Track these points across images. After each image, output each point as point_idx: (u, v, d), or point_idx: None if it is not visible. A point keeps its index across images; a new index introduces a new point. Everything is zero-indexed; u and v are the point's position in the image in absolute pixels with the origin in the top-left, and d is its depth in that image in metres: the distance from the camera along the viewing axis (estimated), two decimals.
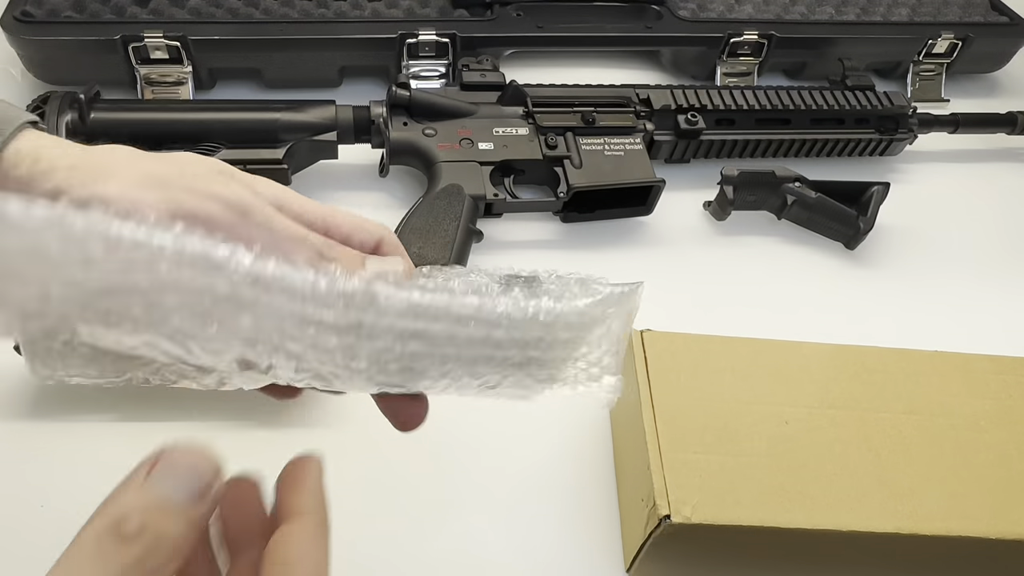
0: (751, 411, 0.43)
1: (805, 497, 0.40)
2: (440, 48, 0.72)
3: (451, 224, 0.57)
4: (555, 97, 0.66)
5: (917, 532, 0.39)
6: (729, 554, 0.42)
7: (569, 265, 0.62)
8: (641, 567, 0.43)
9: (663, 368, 0.44)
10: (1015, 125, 0.75)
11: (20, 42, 0.66)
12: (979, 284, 0.65)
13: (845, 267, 0.65)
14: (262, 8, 0.72)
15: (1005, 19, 0.84)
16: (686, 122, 0.67)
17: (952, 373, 0.46)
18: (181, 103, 0.68)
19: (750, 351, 0.46)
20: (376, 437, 0.50)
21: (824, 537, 0.39)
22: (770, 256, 0.65)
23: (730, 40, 0.77)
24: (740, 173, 0.64)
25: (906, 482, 0.41)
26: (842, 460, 0.41)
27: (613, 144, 0.64)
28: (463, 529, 0.46)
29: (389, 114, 0.62)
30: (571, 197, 0.62)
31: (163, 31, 0.66)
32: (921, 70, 0.82)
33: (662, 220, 0.66)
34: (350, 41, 0.71)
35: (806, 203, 0.65)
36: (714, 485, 0.40)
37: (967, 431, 0.43)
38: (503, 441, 0.50)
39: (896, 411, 0.44)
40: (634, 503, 0.43)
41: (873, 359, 0.46)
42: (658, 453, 0.41)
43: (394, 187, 0.66)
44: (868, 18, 0.82)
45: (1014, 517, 0.40)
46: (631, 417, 0.45)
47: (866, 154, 0.74)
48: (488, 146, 0.63)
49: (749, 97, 0.69)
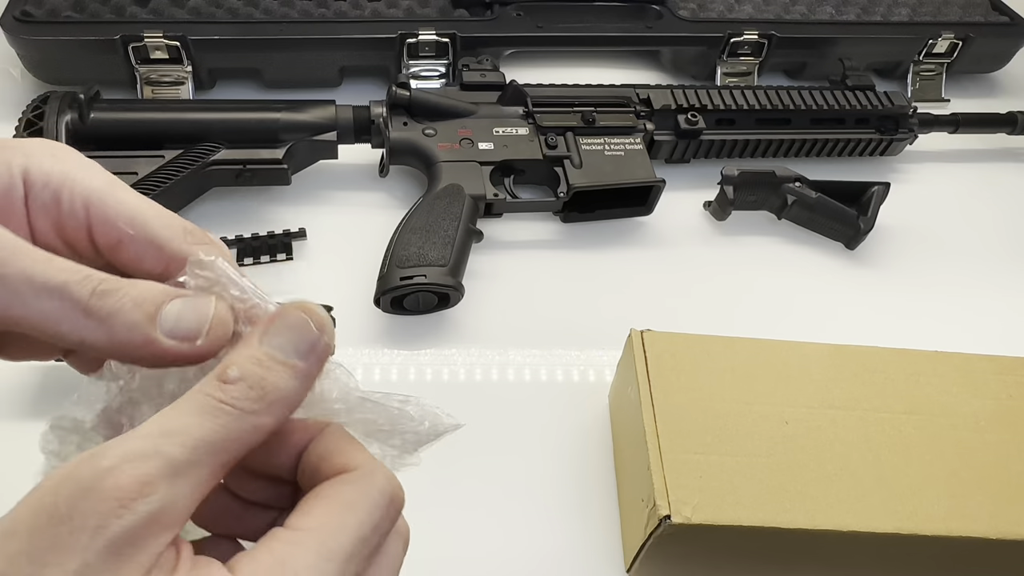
0: (751, 411, 0.43)
1: (805, 497, 0.40)
2: (440, 48, 0.72)
3: (451, 224, 0.57)
4: (555, 97, 0.66)
5: (917, 532, 0.39)
6: (729, 554, 0.42)
7: (569, 265, 0.62)
8: (641, 567, 0.43)
9: (663, 368, 0.44)
10: (1015, 125, 0.75)
11: (20, 42, 0.66)
12: (979, 284, 0.65)
13: (845, 267, 0.65)
14: (262, 8, 0.72)
15: (1005, 19, 0.84)
16: (686, 122, 0.67)
17: (952, 373, 0.46)
18: (181, 103, 0.68)
19: (750, 351, 0.46)
20: None
21: (824, 537, 0.39)
22: (770, 256, 0.65)
23: (730, 40, 0.77)
24: (740, 173, 0.64)
25: (906, 482, 0.41)
26: (842, 460, 0.41)
27: (613, 144, 0.64)
28: (463, 529, 0.46)
29: (389, 114, 0.62)
30: (571, 197, 0.62)
31: (163, 31, 0.66)
32: (921, 70, 0.82)
33: (662, 220, 0.66)
34: (350, 41, 0.71)
35: (806, 203, 0.65)
36: (714, 485, 0.40)
37: (967, 431, 0.43)
38: (503, 441, 0.50)
39: (896, 411, 0.44)
40: (634, 503, 0.43)
41: (873, 359, 0.46)
42: (658, 453, 0.41)
43: (394, 187, 0.66)
44: (868, 18, 0.82)
45: (1014, 517, 0.40)
46: (631, 417, 0.45)
47: (866, 154, 0.74)
48: (488, 146, 0.63)
49: (749, 97, 0.69)
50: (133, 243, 0.26)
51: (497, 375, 0.54)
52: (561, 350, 0.56)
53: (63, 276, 0.23)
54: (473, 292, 0.58)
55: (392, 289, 0.53)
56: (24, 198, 0.25)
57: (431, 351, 0.55)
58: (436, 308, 0.56)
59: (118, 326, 0.23)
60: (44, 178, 0.25)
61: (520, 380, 0.54)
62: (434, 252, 0.55)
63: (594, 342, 0.56)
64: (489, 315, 0.58)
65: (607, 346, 0.55)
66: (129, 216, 0.26)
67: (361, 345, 0.55)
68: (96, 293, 0.23)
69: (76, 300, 0.23)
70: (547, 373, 0.55)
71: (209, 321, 0.24)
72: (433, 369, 0.54)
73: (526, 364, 0.55)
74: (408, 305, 0.55)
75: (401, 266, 0.54)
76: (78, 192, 0.26)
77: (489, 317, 0.58)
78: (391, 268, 0.54)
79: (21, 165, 0.25)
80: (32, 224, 0.26)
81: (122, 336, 0.23)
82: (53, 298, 0.23)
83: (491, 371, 0.55)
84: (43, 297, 0.23)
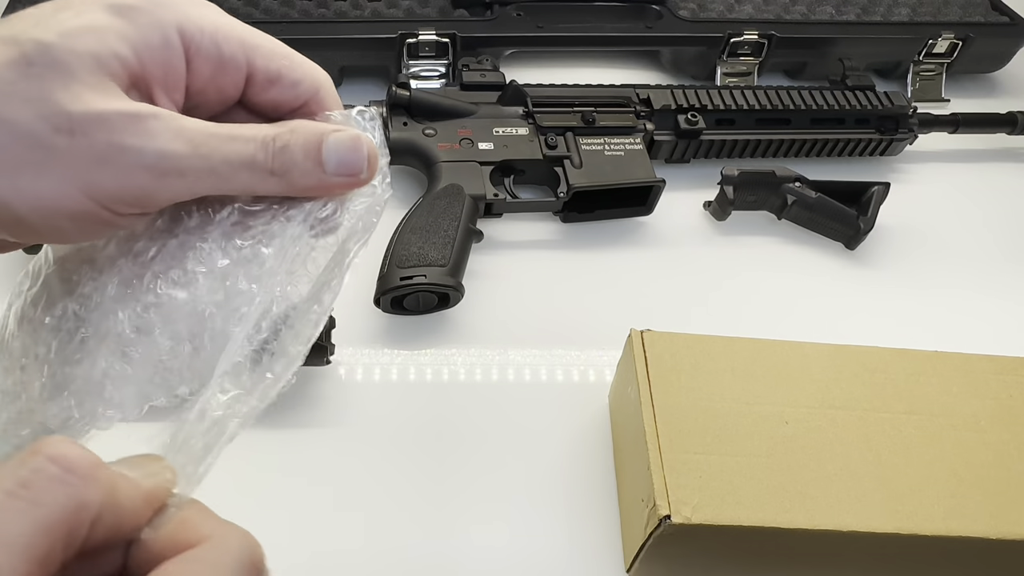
0: (751, 411, 0.43)
1: (805, 497, 0.40)
2: (440, 48, 0.72)
3: (451, 224, 0.57)
4: (555, 97, 0.66)
5: (917, 532, 0.39)
6: (729, 554, 0.42)
7: (569, 265, 0.62)
8: (641, 567, 0.43)
9: (663, 368, 0.44)
10: (1015, 125, 0.75)
11: None
12: (979, 284, 0.65)
13: (845, 267, 0.65)
14: (262, 8, 0.72)
15: (1005, 19, 0.84)
16: (686, 122, 0.67)
17: (952, 373, 0.46)
18: None
19: (750, 351, 0.46)
20: (375, 437, 0.50)
21: (824, 537, 0.39)
22: (770, 256, 0.65)
23: (730, 40, 0.77)
24: (740, 173, 0.64)
25: (906, 482, 0.41)
26: (842, 460, 0.41)
27: (613, 144, 0.64)
28: (463, 529, 0.46)
29: (389, 114, 0.62)
30: (571, 197, 0.62)
31: None
32: (921, 70, 0.82)
33: (662, 220, 0.66)
34: (350, 41, 0.71)
35: (806, 203, 0.65)
36: (714, 485, 0.40)
37: (967, 431, 0.43)
38: (503, 442, 0.50)
39: (896, 411, 0.44)
40: (634, 503, 0.43)
41: (873, 359, 0.46)
42: (658, 453, 0.41)
43: (394, 187, 0.65)
44: (868, 18, 0.82)
45: (1014, 517, 0.40)
46: (631, 417, 0.45)
47: (866, 154, 0.74)
48: (488, 146, 0.63)
49: (749, 97, 0.69)
50: (290, 73, 0.28)
51: (497, 375, 0.54)
52: (561, 350, 0.56)
53: (249, 149, 0.26)
54: (473, 292, 0.58)
55: (392, 289, 0.53)
56: (184, 53, 0.26)
57: (431, 351, 0.55)
58: (436, 308, 0.56)
59: (296, 177, 0.27)
60: (199, 28, 0.26)
61: (520, 380, 0.54)
62: (434, 252, 0.55)
63: (594, 342, 0.56)
64: (489, 315, 0.58)
65: (607, 346, 0.55)
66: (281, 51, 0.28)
67: (361, 345, 0.55)
68: (275, 154, 0.26)
69: (264, 167, 0.26)
70: (547, 373, 0.55)
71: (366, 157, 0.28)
72: (433, 369, 0.54)
73: (526, 364, 0.55)
74: (408, 305, 0.55)
75: (401, 266, 0.54)
76: (234, 36, 0.27)
77: (489, 317, 0.58)
78: (391, 268, 0.54)
79: (174, 22, 0.26)
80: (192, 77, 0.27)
81: (300, 183, 0.27)
82: (246, 170, 0.26)
83: (491, 371, 0.55)
84: (241, 172, 0.26)
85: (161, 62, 0.26)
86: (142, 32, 0.25)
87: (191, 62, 0.26)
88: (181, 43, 0.26)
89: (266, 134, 0.26)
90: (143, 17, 0.25)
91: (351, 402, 0.52)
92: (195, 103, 0.28)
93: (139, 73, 0.25)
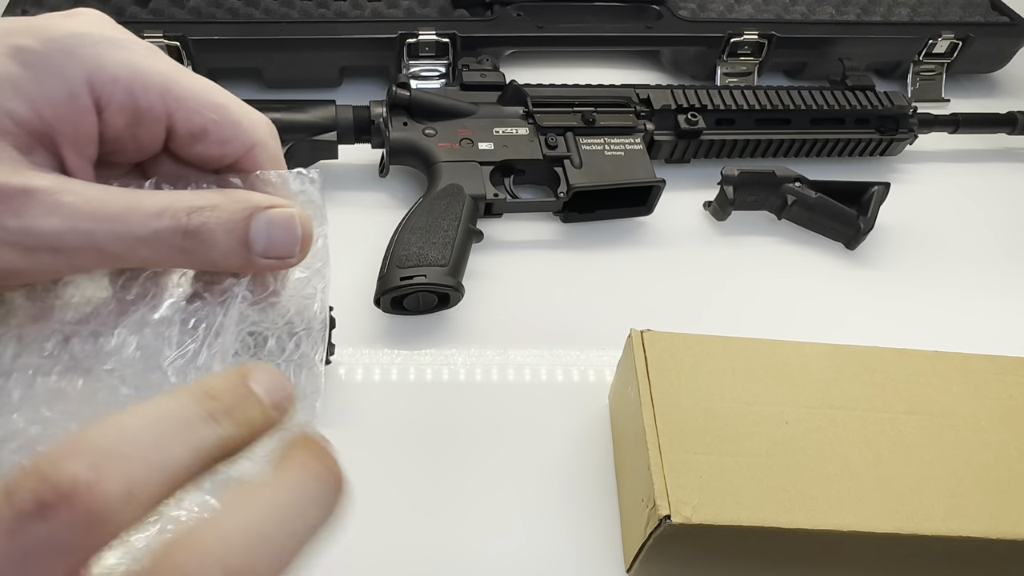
0: (751, 411, 0.43)
1: (805, 497, 0.40)
2: (440, 48, 0.72)
3: (451, 224, 0.57)
4: (555, 97, 0.66)
5: (917, 532, 0.39)
6: (729, 554, 0.42)
7: (569, 265, 0.62)
8: (641, 567, 0.43)
9: (663, 368, 0.44)
10: (1015, 125, 0.75)
11: None
12: (979, 284, 0.65)
13: (845, 267, 0.65)
14: (262, 8, 0.72)
15: (1005, 19, 0.84)
16: (686, 122, 0.67)
17: (952, 373, 0.46)
18: None
19: (750, 351, 0.46)
20: (376, 437, 0.50)
21: (824, 537, 0.39)
22: (770, 256, 0.65)
23: (730, 40, 0.77)
24: (740, 173, 0.64)
25: (906, 482, 0.41)
26: (842, 460, 0.41)
27: (613, 144, 0.64)
28: (463, 529, 0.46)
29: (389, 114, 0.62)
30: (571, 197, 0.62)
31: (163, 31, 0.66)
32: (921, 70, 0.82)
33: (662, 220, 0.66)
34: (350, 41, 0.71)
35: (806, 203, 0.65)
36: (714, 485, 0.40)
37: (967, 431, 0.43)
38: (503, 442, 0.50)
39: (896, 411, 0.44)
40: (634, 503, 0.43)
41: (873, 359, 0.46)
42: (658, 453, 0.41)
43: (394, 187, 0.66)
44: (868, 18, 0.82)
45: (1014, 517, 0.40)
46: (631, 417, 0.45)
47: (866, 154, 0.74)
48: (488, 146, 0.63)
49: (749, 97, 0.69)
50: (218, 130, 0.26)
51: (497, 375, 0.54)
52: (561, 350, 0.56)
53: (152, 225, 0.23)
54: (473, 292, 0.58)
55: (392, 289, 0.53)
56: (95, 104, 0.24)
57: (431, 351, 0.55)
58: (436, 308, 0.56)
59: (217, 257, 0.24)
60: (112, 78, 0.24)
61: (520, 380, 0.54)
62: (434, 252, 0.55)
63: (594, 342, 0.56)
64: (489, 315, 0.58)
65: (607, 346, 0.55)
66: (211, 102, 0.26)
67: (361, 345, 0.55)
68: (190, 231, 0.23)
69: (173, 245, 0.23)
70: (547, 373, 0.55)
71: (299, 239, 0.25)
72: (433, 369, 0.54)
73: (526, 364, 0.55)
74: (408, 305, 0.55)
75: (401, 266, 0.54)
76: (155, 85, 0.25)
77: (489, 317, 0.58)
78: (391, 268, 0.54)
79: (83, 73, 0.24)
80: (104, 127, 0.25)
81: (221, 263, 0.25)
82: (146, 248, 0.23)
83: (491, 371, 0.55)
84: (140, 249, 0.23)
85: (67, 118, 0.24)
86: (43, 87, 0.23)
87: (103, 112, 0.24)
88: (90, 95, 0.24)
89: (179, 207, 0.24)
90: (48, 67, 0.23)
91: (351, 402, 0.52)
92: (112, 150, 0.26)
93: (41, 130, 0.23)
